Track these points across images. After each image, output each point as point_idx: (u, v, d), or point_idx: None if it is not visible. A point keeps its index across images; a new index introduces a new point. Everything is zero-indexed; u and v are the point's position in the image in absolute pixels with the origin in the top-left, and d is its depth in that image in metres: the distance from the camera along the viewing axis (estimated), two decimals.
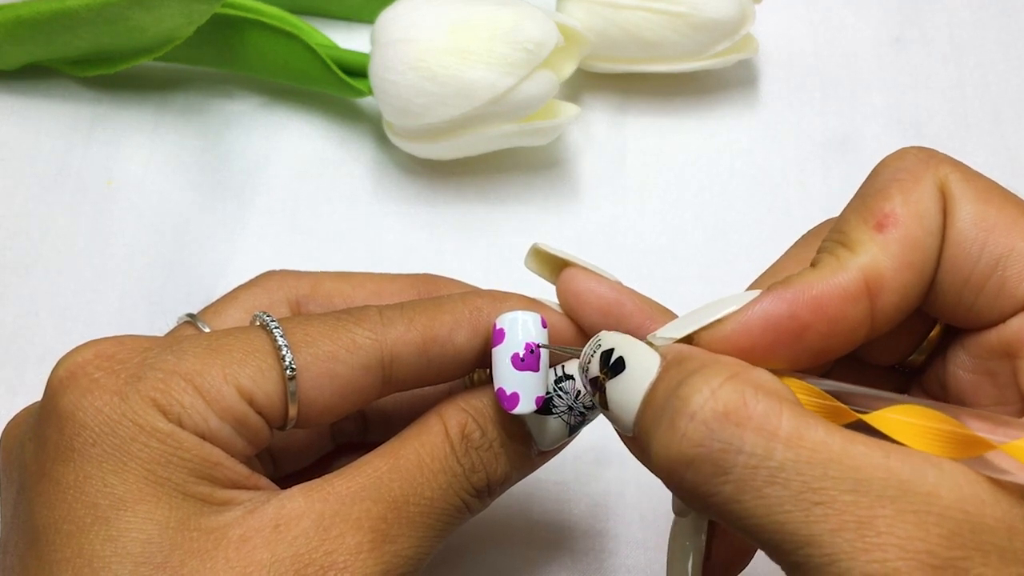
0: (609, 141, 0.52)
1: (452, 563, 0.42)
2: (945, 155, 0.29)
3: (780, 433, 0.25)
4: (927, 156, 0.29)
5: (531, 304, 0.33)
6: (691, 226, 0.50)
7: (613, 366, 0.29)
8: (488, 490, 0.32)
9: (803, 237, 0.33)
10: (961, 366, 0.30)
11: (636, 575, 0.42)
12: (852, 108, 0.53)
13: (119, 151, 0.51)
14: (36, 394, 0.45)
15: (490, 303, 0.33)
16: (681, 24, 0.49)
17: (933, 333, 0.31)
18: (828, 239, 0.29)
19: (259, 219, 0.50)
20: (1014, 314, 0.28)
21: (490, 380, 0.34)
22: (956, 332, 0.30)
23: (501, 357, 0.32)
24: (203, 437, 0.29)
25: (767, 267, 0.33)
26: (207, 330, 0.33)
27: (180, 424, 0.28)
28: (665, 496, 0.43)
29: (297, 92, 0.53)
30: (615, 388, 0.28)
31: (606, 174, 0.51)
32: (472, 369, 0.34)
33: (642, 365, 0.28)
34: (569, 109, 0.48)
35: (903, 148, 0.30)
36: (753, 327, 0.28)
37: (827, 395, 0.27)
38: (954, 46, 0.55)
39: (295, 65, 0.50)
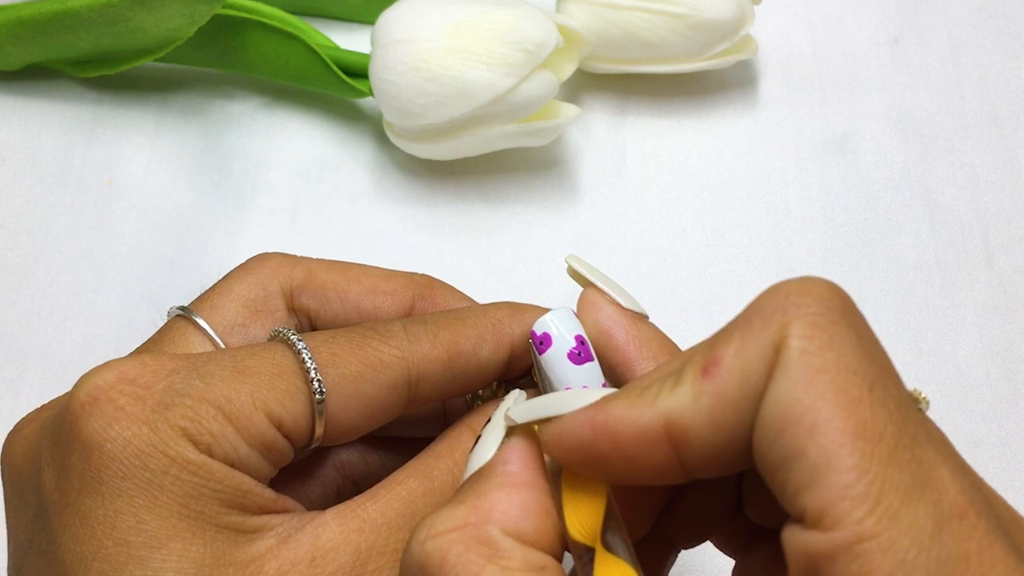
0: (609, 141, 0.52)
1: None
2: (817, 303, 0.24)
3: None
4: (791, 302, 0.24)
5: (547, 310, 0.33)
6: (691, 226, 0.50)
7: (477, 438, 0.28)
8: None
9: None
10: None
11: None
12: (851, 108, 0.53)
13: (120, 151, 0.51)
14: (38, 394, 0.45)
15: (510, 315, 0.33)
16: (680, 25, 0.49)
17: None
18: (687, 356, 0.26)
19: (260, 219, 0.50)
20: (792, 522, 0.24)
21: (497, 394, 0.34)
22: None
23: (556, 359, 0.31)
24: (232, 465, 0.28)
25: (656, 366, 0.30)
26: (204, 325, 0.33)
27: (210, 454, 0.28)
28: None
29: (297, 93, 0.53)
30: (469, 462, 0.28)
31: (606, 174, 0.51)
32: (492, 382, 0.34)
33: (482, 453, 0.28)
34: (569, 110, 0.48)
35: (784, 282, 0.25)
36: (565, 440, 0.26)
37: (602, 516, 0.26)
38: (952, 47, 0.55)
39: (296, 66, 0.50)
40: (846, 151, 0.52)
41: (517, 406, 0.28)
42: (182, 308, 0.33)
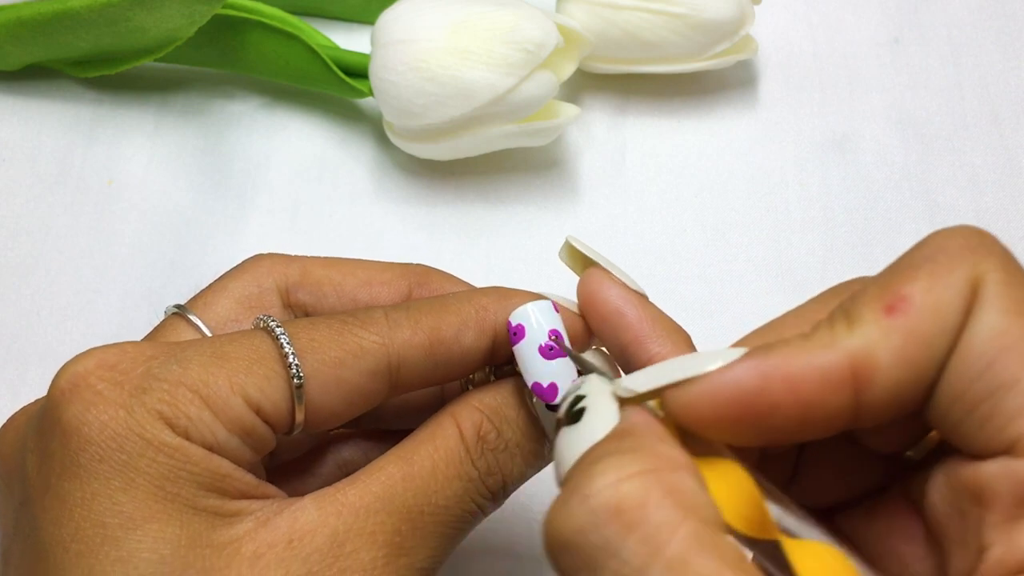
0: (609, 141, 0.52)
1: (448, 566, 0.42)
2: (999, 246, 0.25)
3: (666, 552, 0.22)
4: (976, 243, 0.25)
5: (536, 298, 0.33)
6: (690, 226, 0.50)
7: (574, 414, 0.26)
8: (503, 491, 0.32)
9: (823, 292, 0.29)
10: (939, 489, 0.26)
11: None
12: (851, 108, 0.53)
13: (120, 151, 0.51)
14: (38, 394, 0.45)
15: (496, 301, 0.32)
16: (680, 25, 0.49)
17: (932, 435, 0.27)
18: (839, 306, 0.25)
19: (260, 219, 0.50)
20: (993, 455, 0.24)
21: (489, 379, 0.34)
22: (950, 449, 0.26)
23: (527, 352, 0.31)
24: (210, 449, 0.28)
25: (767, 321, 0.29)
26: (197, 322, 0.33)
27: (187, 437, 0.28)
28: None
29: (297, 93, 0.53)
30: (564, 437, 0.26)
31: (606, 174, 0.51)
32: (478, 368, 0.33)
33: (595, 425, 0.26)
34: (569, 110, 0.48)
35: (957, 227, 0.26)
36: (720, 396, 0.25)
37: (762, 498, 0.24)
38: (952, 47, 0.55)
39: (296, 66, 0.50)
40: (846, 151, 0.52)
41: (634, 375, 0.26)
42: (177, 306, 0.34)
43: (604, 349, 0.34)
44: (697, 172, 0.51)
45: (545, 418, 0.32)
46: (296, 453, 0.37)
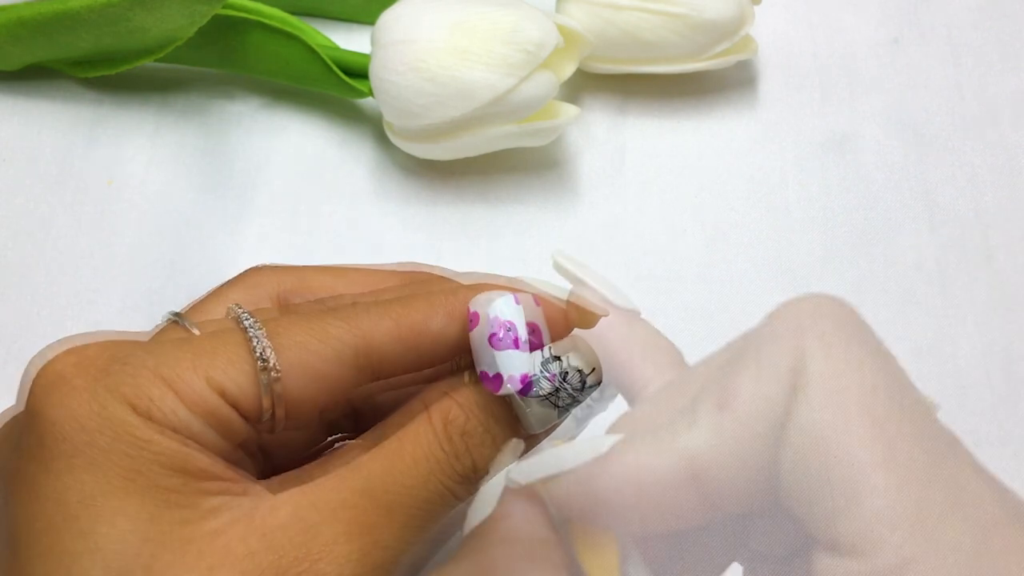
0: (609, 142, 0.52)
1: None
2: (827, 320, 0.24)
3: None
4: (806, 322, 0.24)
5: (507, 286, 0.33)
6: (690, 226, 0.50)
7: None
8: (475, 475, 0.32)
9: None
10: None
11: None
12: (851, 109, 0.53)
13: (120, 152, 0.51)
14: None
15: (466, 289, 0.33)
16: (680, 25, 0.49)
17: None
18: (697, 390, 0.26)
19: (260, 220, 0.50)
20: (819, 553, 0.24)
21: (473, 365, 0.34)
22: None
23: (478, 339, 0.31)
24: (174, 431, 0.29)
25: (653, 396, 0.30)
26: (188, 325, 0.33)
27: (151, 418, 0.28)
28: None
29: (298, 93, 0.53)
30: (473, 501, 0.29)
31: (606, 174, 0.51)
32: (455, 355, 0.33)
33: (475, 512, 0.28)
34: (569, 110, 0.48)
35: (799, 299, 0.25)
36: (577, 498, 0.26)
37: (615, 561, 0.27)
38: (952, 47, 0.55)
39: (296, 66, 0.50)
40: (846, 151, 0.52)
41: (518, 466, 0.28)
42: (174, 313, 0.34)
43: (584, 338, 0.34)
44: (697, 172, 0.51)
45: (519, 405, 0.32)
46: (297, 456, 0.37)
